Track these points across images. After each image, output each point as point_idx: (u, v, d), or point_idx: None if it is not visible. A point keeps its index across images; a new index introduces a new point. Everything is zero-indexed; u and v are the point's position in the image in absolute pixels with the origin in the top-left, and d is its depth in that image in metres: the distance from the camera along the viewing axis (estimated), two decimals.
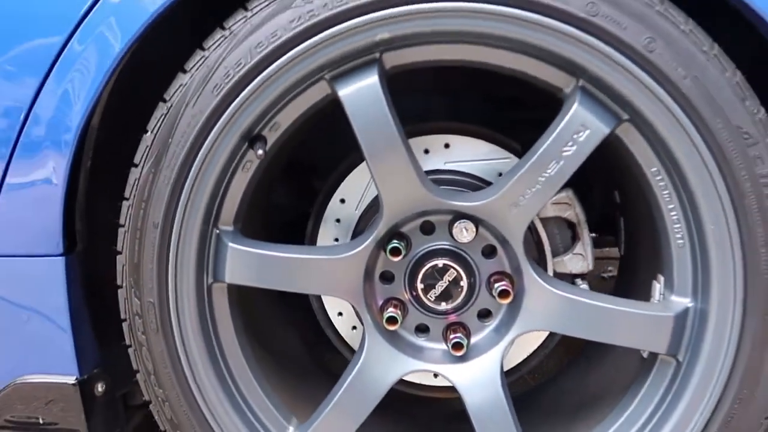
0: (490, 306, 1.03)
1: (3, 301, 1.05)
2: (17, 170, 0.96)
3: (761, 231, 0.85)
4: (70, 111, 0.93)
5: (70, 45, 0.91)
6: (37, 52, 0.92)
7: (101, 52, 0.90)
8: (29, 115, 0.94)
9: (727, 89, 0.83)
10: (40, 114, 0.93)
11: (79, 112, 0.93)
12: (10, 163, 0.96)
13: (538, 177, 0.90)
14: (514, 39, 0.86)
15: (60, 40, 0.91)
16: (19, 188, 0.97)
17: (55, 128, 0.93)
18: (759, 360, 0.88)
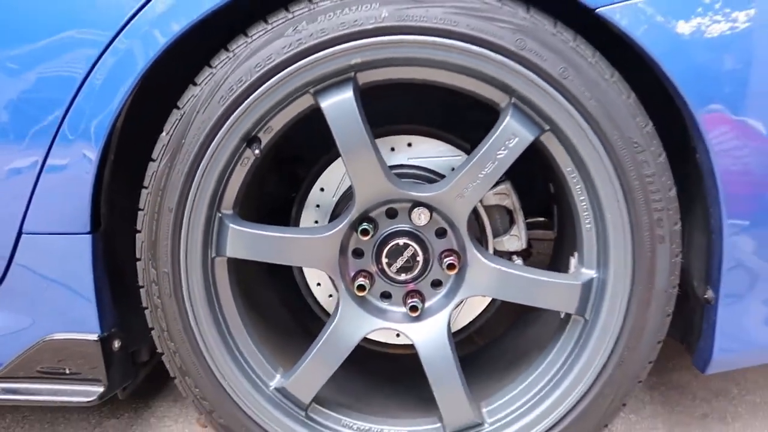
0: (440, 277, 1.27)
1: (36, 271, 1.25)
2: (56, 157, 1.14)
3: (646, 219, 1.10)
4: (104, 109, 1.11)
5: (104, 57, 1.10)
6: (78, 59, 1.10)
7: (128, 65, 1.09)
8: (69, 109, 1.12)
9: (623, 108, 1.07)
10: (80, 110, 1.11)
11: (111, 111, 1.11)
12: (50, 150, 1.14)
13: (478, 174, 1.14)
14: (461, 65, 1.08)
15: (95, 53, 1.10)
16: (56, 173, 1.14)
17: (91, 124, 1.11)
18: (643, 318, 1.14)
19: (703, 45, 1.05)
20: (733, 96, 1.06)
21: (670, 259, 1.12)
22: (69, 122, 1.13)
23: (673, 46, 1.04)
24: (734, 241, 1.12)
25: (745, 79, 1.05)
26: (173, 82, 1.16)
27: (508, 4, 1.04)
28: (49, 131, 1.14)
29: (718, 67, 1.04)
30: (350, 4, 1.05)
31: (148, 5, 1.08)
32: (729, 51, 1.04)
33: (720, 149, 1.08)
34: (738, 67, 1.05)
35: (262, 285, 1.50)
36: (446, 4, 1.04)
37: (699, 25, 1.04)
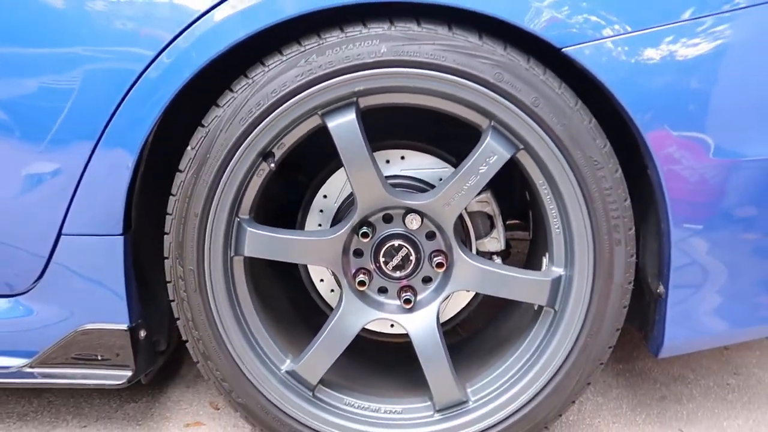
0: (430, 274, 1.45)
1: (73, 269, 1.40)
2: (95, 167, 1.28)
3: (605, 225, 1.29)
4: (141, 123, 1.25)
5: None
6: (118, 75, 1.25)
7: (164, 86, 1.25)
8: (110, 122, 1.27)
9: (585, 132, 1.26)
10: (118, 125, 1.25)
11: (147, 125, 1.25)
12: (91, 159, 1.28)
13: (463, 186, 1.32)
14: (449, 93, 1.26)
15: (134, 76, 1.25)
16: (95, 180, 1.29)
17: (129, 139, 1.27)
18: (603, 309, 1.33)
19: (648, 77, 1.22)
20: (675, 119, 1.24)
21: (626, 258, 1.31)
22: (109, 133, 1.27)
23: (623, 79, 1.21)
24: (679, 243, 1.31)
25: (684, 105, 1.23)
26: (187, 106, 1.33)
27: (488, 43, 1.23)
28: (91, 141, 1.28)
29: (661, 96, 1.22)
30: (354, 40, 1.23)
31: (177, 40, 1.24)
32: (669, 83, 1.23)
33: (665, 165, 1.27)
34: (678, 95, 1.23)
35: (271, 283, 1.67)
36: (436, 42, 1.22)
37: (645, 61, 1.22)
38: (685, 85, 1.22)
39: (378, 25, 1.23)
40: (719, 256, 1.31)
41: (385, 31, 1.22)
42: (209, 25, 1.22)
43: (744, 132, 1.26)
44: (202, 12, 1.23)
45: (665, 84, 1.22)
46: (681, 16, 1.20)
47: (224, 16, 1.22)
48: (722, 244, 1.31)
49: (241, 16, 1.21)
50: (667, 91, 1.22)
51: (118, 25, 1.24)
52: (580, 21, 1.20)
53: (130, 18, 1.24)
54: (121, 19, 1.24)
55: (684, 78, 1.22)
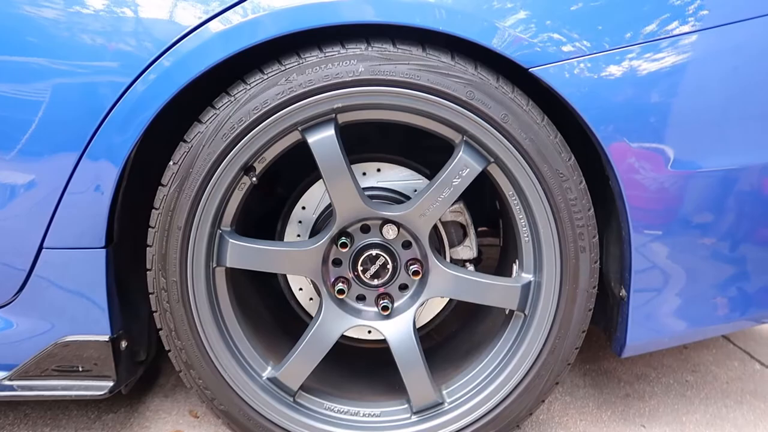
0: (407, 281, 1.51)
1: (53, 281, 1.42)
2: (79, 179, 1.30)
3: (570, 233, 1.37)
4: (124, 140, 1.28)
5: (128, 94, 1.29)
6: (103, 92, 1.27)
7: (148, 102, 1.28)
8: (92, 140, 1.29)
9: (551, 146, 1.34)
10: (103, 138, 1.28)
11: (130, 140, 1.28)
12: (75, 171, 1.30)
13: (438, 197, 1.38)
14: (423, 110, 1.32)
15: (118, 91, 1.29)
16: (78, 195, 1.31)
17: (113, 154, 1.29)
18: (570, 312, 1.41)
19: (608, 94, 1.30)
20: (634, 133, 1.32)
21: (590, 264, 1.39)
22: (93, 147, 1.29)
23: (585, 95, 1.29)
24: (640, 248, 1.40)
25: (643, 119, 1.31)
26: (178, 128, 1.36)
27: (460, 63, 1.30)
28: (75, 153, 1.30)
29: (620, 110, 1.31)
30: (333, 60, 1.29)
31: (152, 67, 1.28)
32: (628, 99, 1.31)
33: (625, 175, 1.35)
34: (636, 110, 1.31)
35: (252, 293, 1.71)
36: (411, 63, 1.28)
37: (605, 78, 1.30)
38: (643, 100, 1.31)
39: (355, 46, 1.29)
40: (678, 260, 1.40)
41: (362, 52, 1.28)
42: (193, 45, 1.26)
43: (700, 144, 1.35)
44: (186, 31, 1.26)
45: (624, 100, 1.30)
46: (638, 38, 1.29)
47: (207, 37, 1.26)
48: (680, 248, 1.40)
49: (221, 37, 1.25)
50: (626, 107, 1.31)
51: (101, 40, 1.27)
52: (545, 43, 1.28)
53: (119, 36, 1.27)
54: (107, 35, 1.27)
55: (642, 94, 1.31)
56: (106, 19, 1.27)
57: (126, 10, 1.27)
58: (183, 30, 1.27)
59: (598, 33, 1.28)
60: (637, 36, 1.29)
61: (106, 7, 1.27)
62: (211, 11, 1.26)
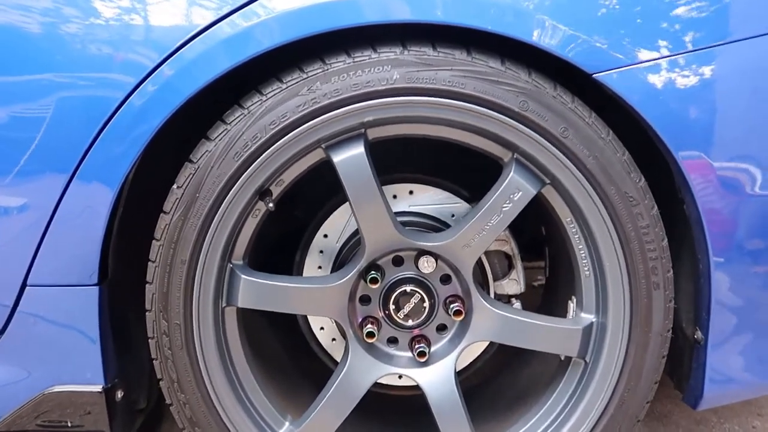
0: (446, 321, 1.31)
1: (40, 324, 1.24)
2: (67, 208, 1.14)
3: (642, 267, 1.17)
4: (118, 163, 1.12)
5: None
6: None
7: (148, 116, 1.10)
8: (87, 155, 1.13)
9: (618, 165, 1.14)
10: (95, 158, 1.12)
11: (125, 164, 1.12)
12: (64, 196, 1.14)
13: (484, 226, 1.19)
14: (467, 123, 1.14)
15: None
16: (68, 222, 1.14)
17: (107, 175, 1.13)
18: (641, 360, 1.20)
19: (689, 105, 1.13)
20: (718, 149, 1.14)
21: (665, 304, 1.19)
22: (85, 167, 1.13)
23: (659, 106, 1.12)
24: (721, 285, 1.20)
25: (730, 133, 1.14)
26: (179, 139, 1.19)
27: (511, 68, 1.11)
28: (64, 175, 1.13)
29: (702, 125, 1.12)
30: (363, 66, 1.10)
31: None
32: (712, 109, 1.13)
33: (705, 199, 1.16)
34: (720, 123, 1.13)
35: (265, 331, 1.51)
36: (454, 68, 1.10)
37: (685, 87, 1.12)
38: (728, 110, 1.12)
39: (389, 49, 1.11)
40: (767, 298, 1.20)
41: (397, 56, 1.10)
42: (199, 50, 1.09)
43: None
44: (191, 35, 1.09)
45: (706, 109, 1.12)
46: (725, 36, 1.10)
47: (215, 41, 1.08)
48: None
49: (232, 41, 1.08)
50: (708, 117, 1.12)
51: (95, 49, 1.10)
52: (614, 45, 1.09)
53: (109, 43, 1.10)
54: (99, 43, 1.10)
55: (728, 103, 1.12)
56: (95, 23, 1.10)
57: (122, 12, 1.10)
58: (186, 35, 1.09)
59: (676, 32, 1.09)
60: (724, 33, 1.10)
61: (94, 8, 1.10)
62: (216, 14, 1.08)
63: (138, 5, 1.11)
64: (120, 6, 1.11)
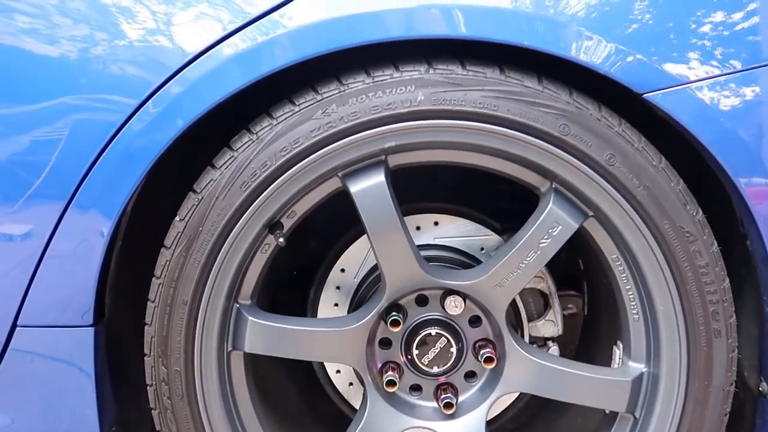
0: (475, 368, 1.18)
1: (30, 367, 1.13)
2: (61, 241, 1.05)
3: (701, 312, 1.03)
4: (114, 194, 1.03)
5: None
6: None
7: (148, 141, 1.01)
8: (72, 200, 1.04)
9: (672, 196, 1.01)
10: (91, 188, 1.03)
11: (122, 195, 1.03)
12: (57, 229, 1.05)
13: (519, 263, 1.06)
14: (500, 149, 1.02)
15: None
16: (61, 257, 1.05)
17: (100, 210, 1.03)
18: (700, 418, 1.06)
19: (751, 126, 1.00)
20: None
21: (728, 354, 1.04)
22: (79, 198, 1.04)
23: (720, 129, 1.00)
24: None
25: None
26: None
27: (549, 88, 0.99)
28: (57, 206, 1.04)
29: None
30: (384, 86, 0.99)
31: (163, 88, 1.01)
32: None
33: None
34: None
35: (277, 372, 1.39)
36: (486, 88, 0.98)
37: (746, 106, 1.00)
38: None
39: (413, 68, 1.00)
40: None
41: (422, 75, 0.99)
42: (204, 70, 0.99)
43: None
44: (196, 54, 1.00)
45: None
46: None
47: (223, 59, 0.99)
48: None
49: (236, 61, 0.98)
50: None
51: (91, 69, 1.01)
52: (667, 61, 0.97)
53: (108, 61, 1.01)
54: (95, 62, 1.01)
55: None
56: (95, 38, 1.01)
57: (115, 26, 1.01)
58: (191, 54, 1.00)
59: (741, 45, 0.97)
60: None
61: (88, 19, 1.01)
62: (222, 30, 0.99)
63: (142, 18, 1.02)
64: (119, 21, 1.02)
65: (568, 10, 0.98)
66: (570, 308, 2.24)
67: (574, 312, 1.62)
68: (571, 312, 1.96)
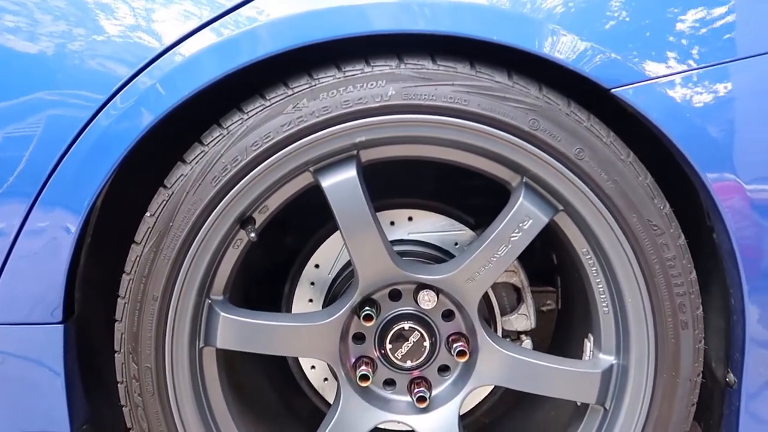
0: (448, 362, 1.18)
1: (2, 366, 1.12)
2: (28, 238, 1.03)
3: (668, 304, 1.04)
4: (83, 188, 1.02)
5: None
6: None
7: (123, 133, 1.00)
8: (42, 192, 1.03)
9: (640, 190, 1.03)
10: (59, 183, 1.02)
11: (90, 191, 1.02)
12: (21, 229, 1.03)
13: (491, 257, 1.07)
14: (471, 144, 1.02)
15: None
16: (28, 253, 1.03)
17: (68, 206, 1.02)
18: (668, 408, 1.07)
19: (717, 121, 1.02)
20: (751, 169, 1.02)
21: (694, 345, 1.06)
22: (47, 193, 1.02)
23: (686, 123, 1.01)
24: (757, 321, 1.07)
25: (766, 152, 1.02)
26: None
27: (520, 83, 1.00)
28: (23, 204, 1.02)
29: (735, 145, 1.01)
30: (354, 81, 0.99)
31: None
32: (747, 126, 1.02)
33: (738, 226, 1.04)
34: (758, 142, 1.02)
35: (250, 368, 1.38)
36: (456, 83, 0.99)
37: (712, 101, 1.01)
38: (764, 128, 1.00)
39: (384, 63, 1.00)
40: None
41: (392, 70, 0.99)
42: (175, 62, 0.98)
43: None
44: (166, 46, 0.99)
45: (742, 132, 1.00)
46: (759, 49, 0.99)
47: (195, 50, 0.98)
48: None
49: (215, 50, 0.97)
50: (745, 141, 1.00)
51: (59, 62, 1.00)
52: (634, 57, 0.98)
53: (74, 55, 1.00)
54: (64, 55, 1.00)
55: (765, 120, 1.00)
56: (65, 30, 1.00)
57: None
58: (160, 47, 0.99)
59: (710, 41, 0.98)
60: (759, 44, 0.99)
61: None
62: (193, 23, 0.98)
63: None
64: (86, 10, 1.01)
65: (541, 5, 0.98)
66: (548, 304, 2.26)
67: (552, 308, 1.64)
68: (549, 308, 1.98)
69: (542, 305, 2.39)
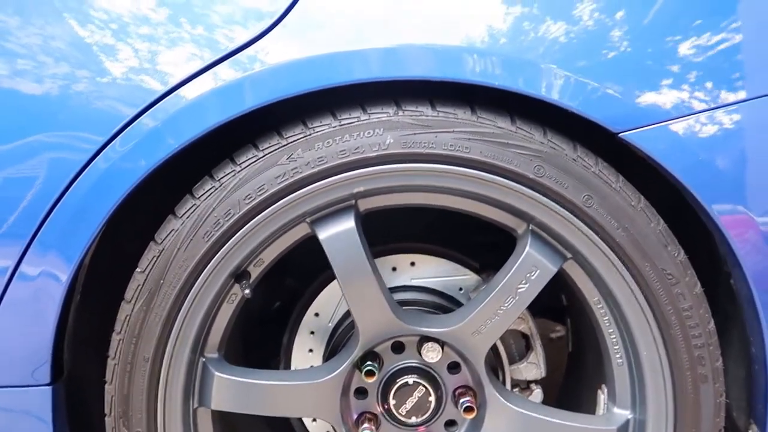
0: (455, 417, 1.12)
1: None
2: (12, 295, 0.99)
3: (686, 357, 0.99)
4: (70, 246, 0.97)
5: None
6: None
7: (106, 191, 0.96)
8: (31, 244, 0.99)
9: (652, 237, 0.98)
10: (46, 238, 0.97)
11: (79, 249, 0.97)
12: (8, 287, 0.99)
13: (497, 309, 1.02)
14: (474, 192, 0.98)
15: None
16: (11, 309, 0.99)
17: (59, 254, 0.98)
18: None
19: (737, 167, 0.97)
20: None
21: (715, 398, 1.00)
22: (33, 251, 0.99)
23: (698, 168, 0.96)
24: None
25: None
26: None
27: (523, 128, 0.96)
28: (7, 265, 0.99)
29: (753, 193, 0.96)
30: (351, 129, 0.95)
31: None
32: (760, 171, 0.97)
33: (757, 270, 0.99)
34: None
35: (249, 422, 1.33)
36: (456, 130, 0.95)
37: (727, 149, 0.97)
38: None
39: (381, 110, 0.96)
40: None
41: (390, 117, 0.95)
42: (175, 107, 0.94)
43: None
44: (164, 92, 0.95)
45: (756, 180, 0.95)
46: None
47: (195, 96, 0.94)
48: None
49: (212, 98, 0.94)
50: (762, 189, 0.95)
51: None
52: (645, 98, 0.94)
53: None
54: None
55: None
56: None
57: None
58: (152, 96, 0.95)
59: (722, 82, 0.94)
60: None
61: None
62: (179, 76, 0.95)
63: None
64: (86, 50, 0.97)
65: (540, 48, 0.94)
66: (558, 331, 2.17)
67: (562, 335, 1.58)
68: (559, 335, 1.89)
69: (551, 331, 2.32)
